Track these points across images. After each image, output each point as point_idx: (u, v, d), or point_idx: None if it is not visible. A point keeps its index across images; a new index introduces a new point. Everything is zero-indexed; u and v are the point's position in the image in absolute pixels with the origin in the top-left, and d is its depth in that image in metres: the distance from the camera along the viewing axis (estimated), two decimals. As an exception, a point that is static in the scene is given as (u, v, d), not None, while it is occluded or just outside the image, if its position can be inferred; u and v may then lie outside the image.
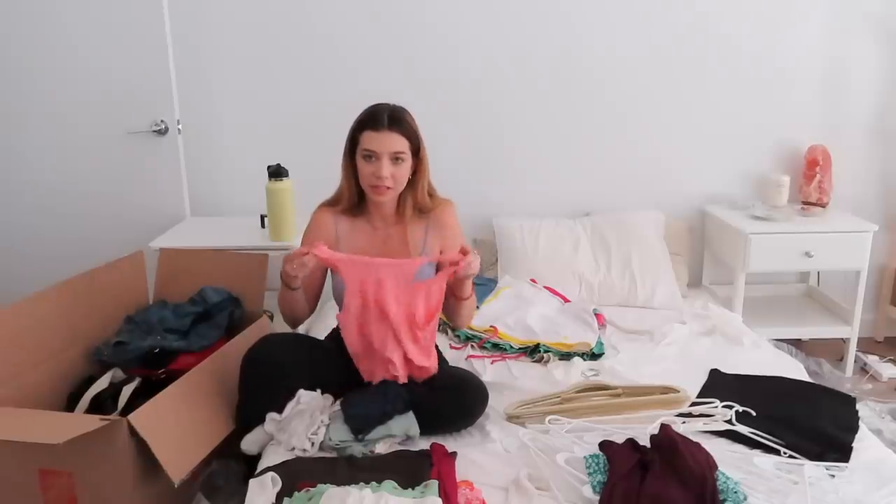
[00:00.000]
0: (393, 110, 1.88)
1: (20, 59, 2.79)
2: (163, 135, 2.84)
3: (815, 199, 3.07)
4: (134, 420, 1.63)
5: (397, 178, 1.87)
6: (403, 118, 1.88)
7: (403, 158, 1.86)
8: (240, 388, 1.89)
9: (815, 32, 3.06)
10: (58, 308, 2.08)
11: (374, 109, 1.89)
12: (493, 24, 2.97)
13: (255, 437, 1.84)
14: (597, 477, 1.61)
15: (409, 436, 1.82)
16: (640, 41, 3.02)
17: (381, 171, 1.84)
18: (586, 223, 3.03)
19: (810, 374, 2.38)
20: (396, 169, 1.86)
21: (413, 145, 1.87)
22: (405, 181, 1.90)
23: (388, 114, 1.86)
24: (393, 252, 1.95)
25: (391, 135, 1.84)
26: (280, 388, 1.85)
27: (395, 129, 1.84)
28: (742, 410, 1.90)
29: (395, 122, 1.85)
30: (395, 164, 1.85)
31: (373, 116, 1.87)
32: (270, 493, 1.62)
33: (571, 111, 3.08)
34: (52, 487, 1.70)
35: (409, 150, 1.86)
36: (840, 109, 3.14)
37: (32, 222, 2.96)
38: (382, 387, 1.89)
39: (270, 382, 1.85)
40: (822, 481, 1.65)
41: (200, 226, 2.87)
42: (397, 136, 1.84)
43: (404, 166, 1.87)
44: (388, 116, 1.85)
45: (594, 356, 2.36)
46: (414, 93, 2.98)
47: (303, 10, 2.90)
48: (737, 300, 2.94)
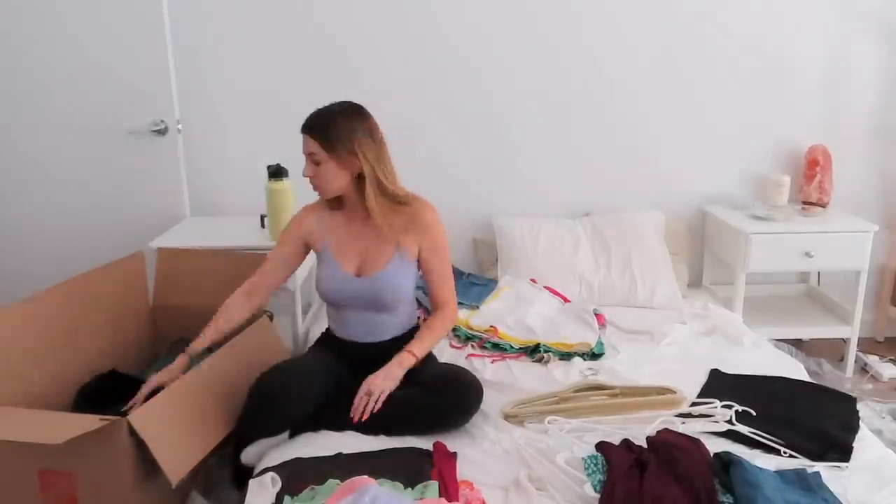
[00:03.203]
0: (320, 114, 1.94)
1: (20, 58, 2.79)
2: (163, 135, 2.84)
3: (815, 199, 3.07)
4: (134, 420, 1.63)
5: (319, 177, 1.95)
6: (322, 123, 1.92)
7: (320, 160, 1.92)
8: (244, 414, 1.87)
9: (816, 32, 3.06)
10: (58, 308, 2.08)
11: (312, 112, 1.96)
12: (494, 23, 2.97)
13: (255, 450, 1.83)
14: (596, 477, 1.61)
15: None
16: (641, 41, 3.02)
17: (305, 170, 1.97)
18: (586, 223, 3.03)
19: (810, 374, 2.38)
20: (317, 169, 1.94)
21: (330, 149, 1.91)
22: (334, 181, 1.95)
23: (313, 117, 1.94)
24: (368, 243, 2.01)
25: (306, 137, 1.94)
26: (284, 420, 1.85)
27: (311, 132, 1.93)
28: (742, 410, 1.90)
29: (311, 126, 1.93)
30: (314, 165, 1.94)
31: (307, 118, 1.96)
32: (270, 493, 1.62)
33: (572, 111, 3.08)
34: (52, 487, 1.69)
35: (323, 152, 1.91)
36: (840, 109, 3.14)
37: (32, 222, 2.96)
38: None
39: (277, 414, 1.84)
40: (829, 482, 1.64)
41: (200, 226, 2.86)
42: (309, 139, 1.93)
43: (324, 167, 1.93)
44: (311, 119, 1.94)
45: (594, 356, 2.36)
46: (414, 93, 3.01)
47: (303, 10, 2.90)
48: (737, 300, 2.93)
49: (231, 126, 2.99)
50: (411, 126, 3.02)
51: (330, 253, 2.04)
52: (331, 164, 1.92)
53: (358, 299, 2.01)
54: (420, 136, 3.05)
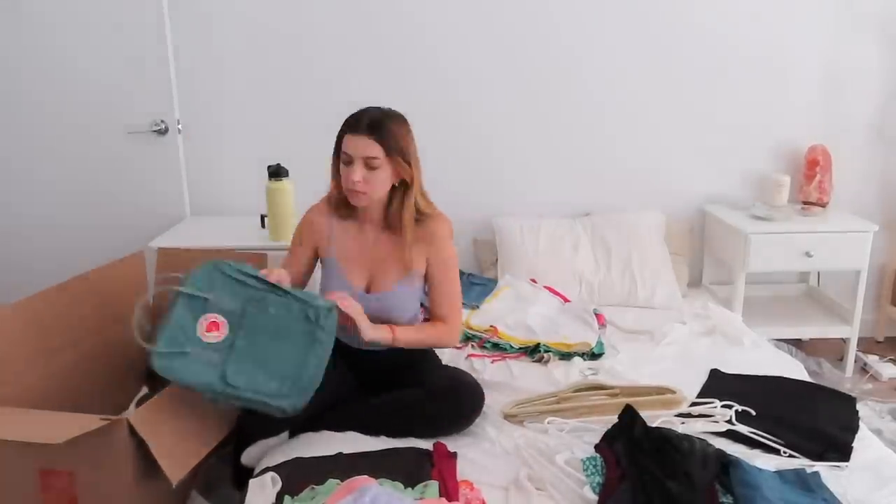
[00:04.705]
0: (375, 115, 1.83)
1: (20, 59, 2.79)
2: (163, 135, 2.85)
3: (815, 199, 3.07)
4: (134, 420, 1.63)
5: (371, 183, 1.82)
6: (384, 124, 1.81)
7: (377, 165, 1.81)
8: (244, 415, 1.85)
9: (816, 33, 3.06)
10: (58, 308, 2.08)
11: (358, 113, 1.85)
12: (495, 23, 2.97)
13: (256, 451, 1.83)
14: (595, 479, 1.61)
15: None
16: (641, 42, 3.02)
17: (354, 174, 1.81)
18: (586, 223, 3.03)
19: (810, 374, 2.38)
20: (370, 174, 1.81)
21: (390, 153, 1.81)
22: (382, 188, 1.86)
23: (368, 118, 1.82)
24: (381, 256, 1.93)
25: (366, 139, 1.80)
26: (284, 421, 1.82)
27: (371, 134, 1.80)
28: (742, 410, 1.90)
29: (373, 128, 1.80)
30: (368, 170, 1.81)
31: (354, 119, 1.83)
32: (270, 493, 1.62)
33: (572, 111, 3.08)
34: (52, 487, 1.69)
35: (384, 156, 1.81)
36: (840, 109, 3.14)
37: (32, 222, 2.96)
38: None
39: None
40: (829, 481, 1.64)
41: (200, 226, 2.87)
42: (372, 141, 1.79)
43: (379, 173, 1.82)
44: (368, 120, 1.81)
45: (594, 356, 2.36)
46: (415, 93, 3.00)
47: (303, 11, 2.90)
48: (737, 300, 2.93)
49: (231, 126, 2.99)
50: (411, 126, 3.02)
51: (337, 263, 1.96)
52: (387, 169, 1.82)
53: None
54: (420, 136, 3.02)
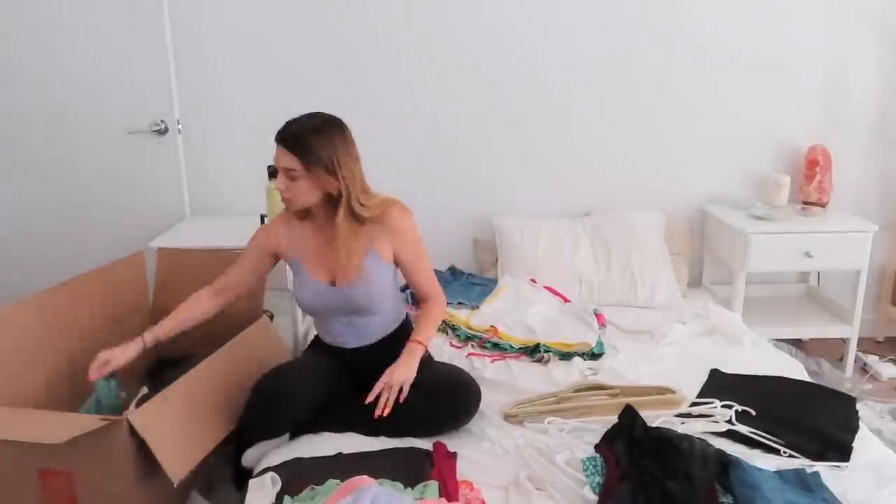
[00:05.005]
0: (298, 129, 1.84)
1: (20, 58, 2.79)
2: (163, 135, 2.85)
3: (815, 199, 3.07)
4: (134, 420, 1.63)
5: (293, 191, 1.86)
6: (304, 139, 1.82)
7: (296, 176, 1.84)
8: (245, 416, 1.87)
9: (816, 32, 3.06)
10: (58, 308, 2.08)
11: (287, 123, 1.87)
12: (495, 23, 2.97)
13: (256, 453, 1.84)
14: (595, 479, 1.61)
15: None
16: (641, 41, 3.02)
17: (278, 182, 1.87)
18: (586, 223, 3.03)
19: (810, 374, 2.38)
20: (292, 184, 1.85)
21: (309, 167, 1.82)
22: (305, 196, 1.88)
23: (291, 131, 1.84)
24: (336, 253, 1.93)
25: (285, 152, 1.83)
26: (285, 423, 1.86)
27: (290, 147, 1.83)
28: (742, 410, 1.90)
29: (291, 141, 1.83)
30: (290, 180, 1.85)
31: (281, 130, 1.86)
32: (270, 493, 1.62)
33: (572, 111, 3.07)
34: (52, 487, 1.69)
35: (301, 168, 1.82)
36: (840, 109, 3.14)
37: (33, 222, 2.96)
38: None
39: (277, 417, 1.84)
40: (829, 481, 1.64)
41: (200, 226, 2.87)
42: (290, 154, 1.83)
43: (300, 183, 1.85)
44: (290, 134, 1.84)
45: (594, 356, 2.36)
46: (415, 93, 3.01)
47: (303, 11, 2.90)
48: (737, 300, 2.93)
49: (231, 126, 2.99)
50: (412, 126, 3.03)
51: (301, 265, 2.00)
52: (307, 181, 1.85)
53: (337, 308, 1.98)
54: (420, 135, 3.05)
